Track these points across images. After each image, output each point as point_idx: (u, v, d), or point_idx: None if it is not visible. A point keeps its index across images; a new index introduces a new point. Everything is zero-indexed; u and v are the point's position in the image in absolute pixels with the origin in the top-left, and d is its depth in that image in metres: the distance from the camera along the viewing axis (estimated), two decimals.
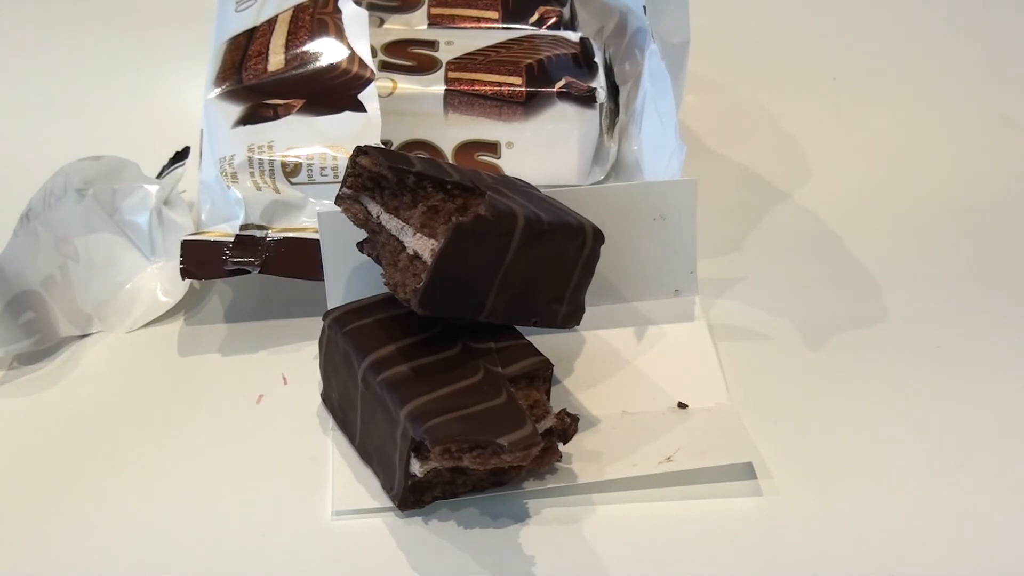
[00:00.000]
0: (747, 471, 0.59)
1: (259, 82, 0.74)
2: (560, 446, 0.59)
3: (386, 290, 0.60)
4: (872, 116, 0.87)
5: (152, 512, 0.59)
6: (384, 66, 0.77)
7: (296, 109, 0.72)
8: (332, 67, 0.74)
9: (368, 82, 0.73)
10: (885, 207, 0.78)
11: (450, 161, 0.76)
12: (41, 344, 0.67)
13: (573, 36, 0.81)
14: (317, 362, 0.64)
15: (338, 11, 0.76)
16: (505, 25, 0.83)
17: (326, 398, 0.64)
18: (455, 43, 0.79)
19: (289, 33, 0.76)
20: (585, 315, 0.64)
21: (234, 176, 0.71)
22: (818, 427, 0.62)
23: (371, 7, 0.82)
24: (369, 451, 0.60)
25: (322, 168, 0.71)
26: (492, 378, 0.57)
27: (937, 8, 0.99)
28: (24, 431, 0.63)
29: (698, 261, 0.69)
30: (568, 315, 0.63)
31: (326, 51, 0.74)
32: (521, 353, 0.60)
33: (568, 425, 0.59)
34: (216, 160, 0.71)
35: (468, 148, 0.77)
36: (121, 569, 0.56)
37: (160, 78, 0.90)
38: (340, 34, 0.75)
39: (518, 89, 0.76)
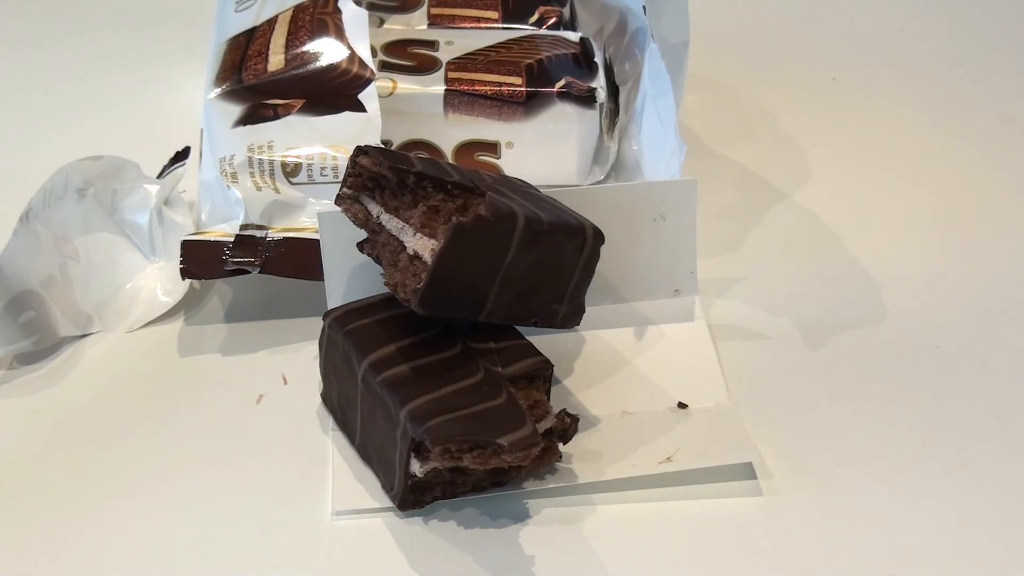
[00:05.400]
0: (747, 471, 0.59)
1: (259, 82, 0.74)
2: (560, 446, 0.59)
3: (386, 290, 0.60)
4: (872, 116, 0.87)
5: (152, 512, 0.58)
6: (384, 66, 0.77)
7: (296, 109, 0.72)
8: (332, 67, 0.74)
9: (368, 82, 0.73)
10: (885, 207, 0.78)
11: (450, 161, 0.76)
12: (41, 344, 0.67)
13: (573, 36, 0.81)
14: (317, 362, 0.64)
15: (338, 11, 0.76)
16: (505, 25, 0.83)
17: (326, 398, 0.64)
18: (455, 43, 0.79)
19: (289, 33, 0.76)
20: (585, 315, 0.64)
21: (234, 176, 0.71)
22: (818, 427, 0.63)
23: (371, 7, 0.82)
24: (369, 451, 0.60)
25: (322, 168, 0.71)
26: (492, 378, 0.57)
27: (937, 8, 0.99)
28: (24, 431, 0.63)
29: (698, 261, 0.69)
30: (568, 315, 0.63)
31: (326, 51, 0.74)
32: (521, 353, 0.60)
33: (568, 425, 0.59)
34: (216, 160, 0.71)
35: (468, 148, 0.77)
36: (121, 569, 0.56)
37: (160, 78, 0.90)
38: (340, 34, 0.75)
39: (518, 89, 0.76)
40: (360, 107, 0.72)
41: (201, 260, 0.68)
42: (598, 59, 0.78)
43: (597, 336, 0.67)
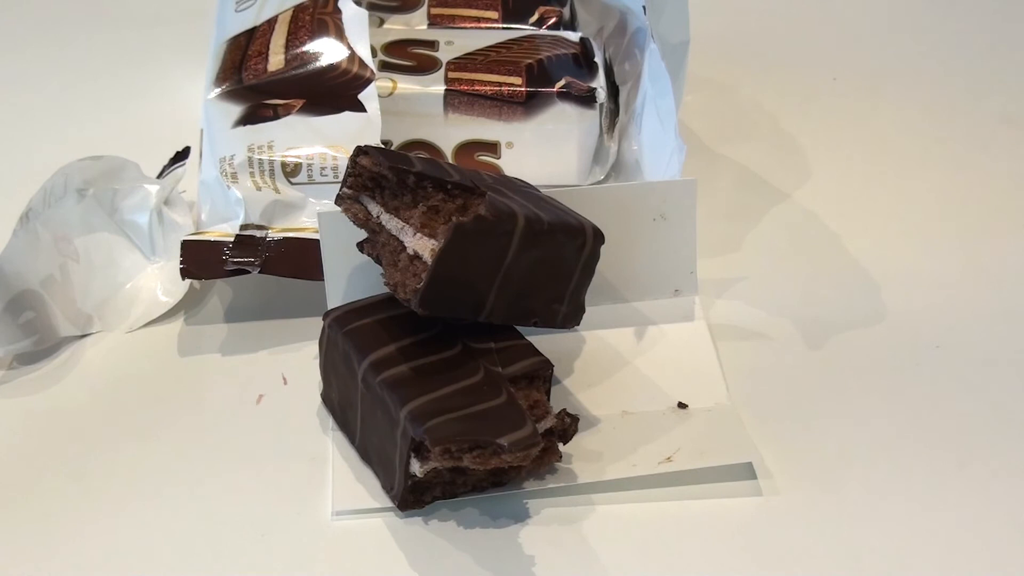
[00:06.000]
0: (747, 471, 0.59)
1: (259, 82, 0.74)
2: (560, 446, 0.59)
3: (386, 290, 0.60)
4: (872, 116, 0.87)
5: (152, 512, 0.59)
6: (384, 66, 0.77)
7: (296, 109, 0.72)
8: (332, 67, 0.74)
9: (368, 82, 0.73)
10: (885, 207, 0.78)
11: (450, 161, 0.76)
12: (41, 344, 0.67)
13: (573, 36, 0.81)
14: (317, 362, 0.64)
15: (338, 11, 0.76)
16: (505, 25, 0.83)
17: (326, 398, 0.64)
18: (455, 43, 0.79)
19: (289, 33, 0.76)
20: (585, 315, 0.64)
21: (234, 176, 0.71)
22: (818, 427, 0.63)
23: (371, 7, 0.82)
24: (369, 451, 0.60)
25: (322, 168, 0.71)
26: (492, 378, 0.57)
27: (937, 8, 0.99)
28: (24, 431, 0.63)
29: (698, 261, 0.69)
30: (568, 315, 0.63)
31: (326, 51, 0.74)
32: (521, 353, 0.60)
33: (568, 425, 0.59)
34: (216, 160, 0.71)
35: (468, 148, 0.77)
36: (121, 569, 0.56)
37: (160, 78, 0.90)
38: (340, 34, 0.75)
39: (518, 89, 0.76)
40: (360, 107, 0.72)
41: (201, 260, 0.68)
42: (598, 59, 0.78)
43: (597, 336, 0.67)
